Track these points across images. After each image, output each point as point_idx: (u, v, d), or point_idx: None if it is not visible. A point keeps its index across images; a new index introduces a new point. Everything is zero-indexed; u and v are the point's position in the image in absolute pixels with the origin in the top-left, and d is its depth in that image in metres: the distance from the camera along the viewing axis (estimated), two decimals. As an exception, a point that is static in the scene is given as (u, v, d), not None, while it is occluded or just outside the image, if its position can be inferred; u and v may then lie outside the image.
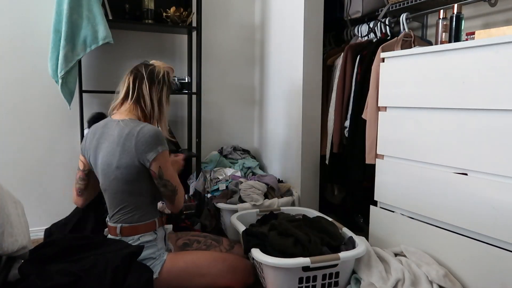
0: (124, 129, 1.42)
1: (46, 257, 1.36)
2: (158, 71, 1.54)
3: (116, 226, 1.46)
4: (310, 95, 2.34)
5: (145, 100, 1.50)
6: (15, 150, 2.33)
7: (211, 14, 2.74)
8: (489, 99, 1.34)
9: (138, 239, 1.45)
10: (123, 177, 1.41)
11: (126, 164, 1.40)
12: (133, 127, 1.41)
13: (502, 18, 1.96)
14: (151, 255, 1.45)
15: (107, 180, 1.45)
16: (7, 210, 1.19)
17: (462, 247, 1.46)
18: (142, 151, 1.38)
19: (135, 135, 1.39)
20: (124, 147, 1.40)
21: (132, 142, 1.39)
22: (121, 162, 1.40)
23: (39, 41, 2.30)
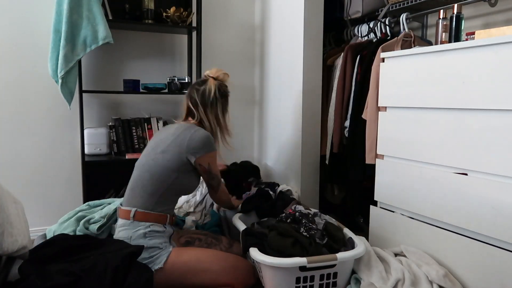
0: (182, 126, 1.63)
1: (46, 257, 1.36)
2: (209, 90, 1.67)
3: (131, 209, 1.51)
4: (310, 95, 2.34)
5: (203, 122, 1.68)
6: (15, 150, 2.33)
7: (211, 14, 2.74)
8: (489, 99, 1.34)
9: (149, 226, 1.50)
10: (163, 162, 1.54)
11: (173, 152, 1.55)
12: (189, 127, 1.61)
13: (502, 18, 1.96)
14: (158, 244, 1.49)
15: (144, 159, 1.59)
16: (7, 210, 1.19)
17: (462, 247, 1.46)
18: (193, 148, 1.55)
19: (191, 132, 1.58)
20: (178, 139, 1.57)
21: (186, 137, 1.57)
22: (169, 149, 1.55)
23: (39, 41, 2.30)
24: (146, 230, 1.49)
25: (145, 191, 1.53)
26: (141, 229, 1.49)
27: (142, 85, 2.42)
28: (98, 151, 2.36)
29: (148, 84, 2.40)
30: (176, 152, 1.55)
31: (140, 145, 2.44)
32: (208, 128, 1.68)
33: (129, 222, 1.51)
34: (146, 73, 2.59)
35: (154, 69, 2.61)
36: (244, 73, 2.90)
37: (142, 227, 1.49)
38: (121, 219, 1.55)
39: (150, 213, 1.52)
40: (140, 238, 1.47)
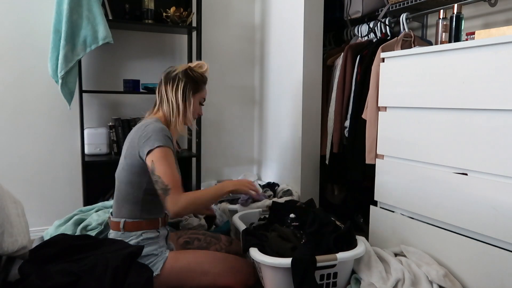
0: (139, 125, 1.53)
1: (46, 257, 1.36)
2: (175, 70, 1.60)
3: (120, 220, 1.48)
4: (310, 95, 2.34)
5: (162, 101, 1.58)
6: (15, 150, 2.33)
7: (211, 14, 2.74)
8: (489, 99, 1.34)
9: (141, 235, 1.47)
10: (128, 167, 1.48)
11: (130, 155, 1.48)
12: (145, 123, 1.51)
13: (502, 18, 1.96)
14: (153, 251, 1.46)
15: (117, 170, 1.55)
16: (7, 210, 1.19)
17: (462, 247, 1.46)
18: (142, 144, 1.45)
19: (141, 129, 1.48)
20: (133, 139, 1.49)
21: (138, 135, 1.48)
22: (128, 152, 1.50)
23: (39, 41, 2.30)
24: (138, 239, 1.46)
25: (128, 200, 1.49)
26: (133, 238, 1.46)
27: (142, 85, 2.42)
28: (98, 151, 2.36)
29: (148, 84, 2.40)
30: (134, 154, 1.47)
31: (140, 145, 2.44)
32: (166, 108, 1.55)
33: (120, 234, 1.48)
34: (146, 73, 2.59)
35: (154, 69, 2.61)
36: (244, 73, 2.90)
37: (134, 236, 1.46)
38: (112, 231, 1.52)
39: (140, 221, 1.48)
40: None
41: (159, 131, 1.45)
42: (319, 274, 1.46)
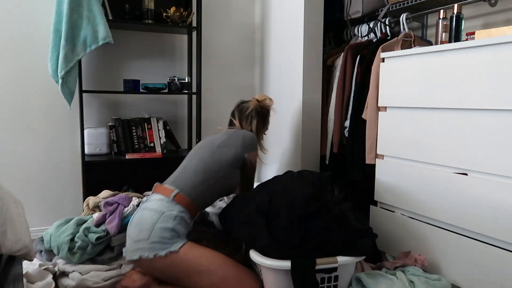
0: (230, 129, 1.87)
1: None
2: (248, 107, 1.92)
3: (174, 189, 1.58)
4: (310, 95, 2.34)
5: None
6: (15, 150, 2.33)
7: (211, 14, 2.74)
8: (489, 99, 1.34)
9: (182, 212, 1.55)
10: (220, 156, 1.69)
11: (229, 147, 1.71)
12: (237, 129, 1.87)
13: (502, 18, 1.97)
14: (181, 232, 1.53)
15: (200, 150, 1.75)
16: (10, 209, 1.19)
17: (462, 247, 1.46)
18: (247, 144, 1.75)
19: (242, 132, 1.80)
20: (232, 135, 1.77)
21: (240, 135, 1.77)
22: (226, 144, 1.72)
23: (39, 41, 2.30)
24: (178, 214, 1.54)
25: (197, 176, 1.63)
26: (175, 211, 1.53)
27: (142, 85, 2.42)
28: (98, 151, 2.36)
29: (148, 84, 2.40)
30: (233, 147, 1.72)
31: (140, 145, 2.44)
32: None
33: (167, 199, 1.56)
34: (146, 73, 2.59)
35: (154, 69, 2.62)
36: (244, 73, 2.90)
37: (177, 209, 1.54)
38: (158, 194, 1.59)
39: (190, 200, 1.58)
40: (170, 217, 1.52)
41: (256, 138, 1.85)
42: (320, 278, 1.44)
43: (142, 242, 1.47)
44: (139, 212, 1.58)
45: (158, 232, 1.48)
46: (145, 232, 1.48)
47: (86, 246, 1.69)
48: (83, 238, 1.69)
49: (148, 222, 1.50)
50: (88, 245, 1.69)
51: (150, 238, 1.47)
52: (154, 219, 1.50)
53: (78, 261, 1.68)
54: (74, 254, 1.68)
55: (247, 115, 1.91)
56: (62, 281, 1.67)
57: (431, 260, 1.59)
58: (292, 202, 1.52)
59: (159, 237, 1.47)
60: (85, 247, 1.69)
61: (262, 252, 1.44)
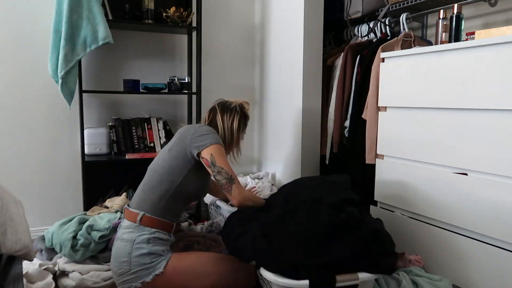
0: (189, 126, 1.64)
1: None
2: (231, 103, 1.74)
3: (139, 213, 1.51)
4: (310, 95, 2.34)
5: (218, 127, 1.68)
6: (15, 150, 2.33)
7: (211, 14, 2.74)
8: (489, 99, 1.34)
9: (154, 232, 1.49)
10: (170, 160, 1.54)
11: (177, 149, 1.55)
12: (196, 124, 1.66)
13: (502, 18, 1.97)
14: (160, 251, 1.48)
15: (155, 161, 1.61)
16: (10, 209, 1.19)
17: (462, 247, 1.46)
18: (196, 140, 1.52)
19: (195, 128, 1.58)
20: (183, 134, 1.58)
21: (190, 131, 1.56)
22: (174, 145, 1.57)
23: (39, 41, 2.30)
24: (150, 236, 1.48)
25: (155, 193, 1.52)
26: (146, 234, 1.48)
27: (142, 85, 2.42)
28: (98, 151, 2.36)
29: (148, 84, 2.40)
30: (181, 147, 1.54)
31: (140, 145, 2.44)
32: (221, 134, 1.66)
33: (135, 225, 1.50)
34: (146, 73, 2.59)
35: (154, 69, 2.61)
36: (244, 73, 2.90)
37: (147, 232, 1.48)
38: (127, 221, 1.53)
39: (158, 219, 1.51)
40: (143, 242, 1.47)
41: (214, 132, 1.59)
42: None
43: (125, 274, 1.46)
44: (114, 244, 1.53)
45: (136, 261, 1.45)
46: (124, 264, 1.46)
47: (89, 243, 1.70)
48: (86, 236, 1.70)
49: (124, 255, 1.46)
50: (91, 242, 1.70)
51: (131, 268, 1.45)
52: (128, 250, 1.46)
53: (81, 258, 1.69)
54: (76, 252, 1.68)
55: (231, 108, 1.70)
56: (62, 281, 1.67)
57: (431, 260, 1.59)
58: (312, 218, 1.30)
59: (139, 264, 1.44)
60: (87, 244, 1.70)
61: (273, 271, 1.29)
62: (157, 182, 1.53)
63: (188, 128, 1.60)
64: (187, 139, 1.54)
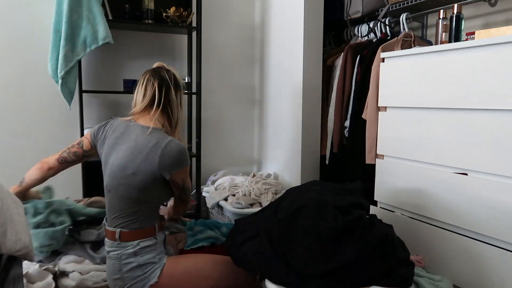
0: (150, 138, 1.42)
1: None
2: (178, 77, 1.55)
3: (115, 230, 1.43)
4: (310, 95, 2.34)
5: (172, 108, 1.51)
6: (15, 150, 2.33)
7: (211, 14, 2.74)
8: (489, 99, 1.34)
9: (138, 244, 1.43)
10: (137, 184, 1.41)
11: (144, 172, 1.40)
12: (160, 139, 1.42)
13: (502, 18, 1.97)
14: (151, 259, 1.43)
15: (115, 182, 1.44)
16: (10, 209, 1.19)
17: (462, 247, 1.46)
18: (168, 164, 1.40)
19: (162, 147, 1.40)
20: (148, 156, 1.40)
21: (158, 153, 1.39)
22: (140, 169, 1.40)
23: (39, 41, 2.30)
24: (135, 249, 1.42)
25: (125, 212, 1.44)
26: (130, 248, 1.42)
27: (142, 85, 2.42)
28: (98, 151, 2.36)
29: (148, 84, 2.39)
30: (149, 171, 1.40)
31: (140, 145, 2.44)
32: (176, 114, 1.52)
33: (116, 243, 1.44)
34: (146, 73, 2.59)
35: (154, 69, 2.61)
36: (244, 73, 2.90)
37: (131, 246, 1.43)
38: (107, 240, 1.48)
39: (136, 231, 1.44)
40: (130, 256, 1.42)
41: (183, 151, 1.43)
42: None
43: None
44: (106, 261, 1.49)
45: (128, 275, 1.42)
46: (118, 282, 1.43)
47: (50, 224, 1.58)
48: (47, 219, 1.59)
49: (115, 272, 1.44)
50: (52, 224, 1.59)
51: (125, 283, 1.42)
52: (117, 267, 1.43)
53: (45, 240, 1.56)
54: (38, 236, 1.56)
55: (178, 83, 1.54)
56: (62, 281, 1.66)
57: (431, 260, 1.59)
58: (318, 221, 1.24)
59: (133, 278, 1.42)
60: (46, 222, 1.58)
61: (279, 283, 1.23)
62: (125, 205, 1.44)
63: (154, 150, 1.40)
64: (155, 163, 1.39)
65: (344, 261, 1.15)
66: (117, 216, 1.45)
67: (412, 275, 1.23)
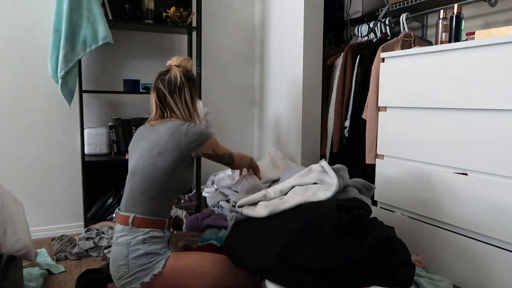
0: (172, 124, 1.55)
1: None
2: (175, 76, 1.62)
3: (130, 215, 1.49)
4: (310, 95, 2.34)
5: (174, 110, 1.62)
6: (15, 150, 2.33)
7: (211, 14, 2.74)
8: (489, 99, 1.34)
9: (148, 232, 1.48)
10: (163, 163, 1.50)
11: (171, 150, 1.50)
12: (181, 123, 1.56)
13: (502, 18, 1.97)
14: (157, 250, 1.48)
15: (141, 163, 1.53)
16: (10, 209, 1.19)
17: (463, 247, 1.46)
18: (192, 143, 1.52)
19: (185, 128, 1.53)
20: (173, 135, 1.52)
21: (182, 132, 1.52)
22: (167, 148, 1.51)
23: (39, 41, 2.30)
24: (145, 236, 1.47)
25: (146, 195, 1.51)
26: (140, 235, 1.47)
27: (142, 85, 2.42)
28: (98, 151, 2.36)
29: (148, 84, 2.40)
30: (176, 150, 1.51)
31: (140, 145, 2.44)
32: (180, 117, 1.62)
33: (127, 228, 1.48)
34: (146, 73, 2.59)
35: (154, 69, 2.61)
36: (244, 73, 2.90)
37: (141, 233, 1.47)
38: (119, 225, 1.52)
39: (149, 218, 1.50)
40: (139, 244, 1.46)
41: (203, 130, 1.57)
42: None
43: (125, 277, 1.46)
44: (112, 248, 1.53)
45: (134, 262, 1.45)
46: (123, 268, 1.46)
47: None
48: None
49: (121, 258, 1.46)
50: None
51: (130, 270, 1.45)
52: (124, 253, 1.46)
53: None
54: None
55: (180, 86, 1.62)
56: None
57: (431, 260, 1.59)
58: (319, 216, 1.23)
59: (138, 266, 1.44)
60: None
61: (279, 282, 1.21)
62: (148, 186, 1.50)
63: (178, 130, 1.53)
64: (182, 141, 1.51)
65: (344, 262, 1.15)
66: (135, 200, 1.51)
67: (413, 275, 1.22)
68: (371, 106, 1.96)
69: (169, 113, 1.62)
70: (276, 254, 1.20)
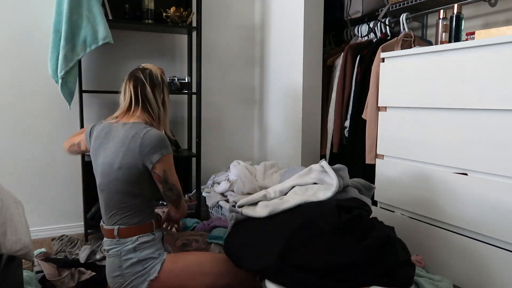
0: (130, 131, 1.44)
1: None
2: (156, 73, 1.55)
3: (113, 228, 1.45)
4: (310, 95, 2.34)
5: (151, 104, 1.52)
6: (15, 150, 2.33)
7: (211, 14, 2.74)
8: (489, 99, 1.34)
9: (137, 239, 1.45)
10: (124, 177, 1.42)
11: (128, 165, 1.41)
12: (139, 130, 1.44)
13: (502, 18, 1.97)
14: (150, 254, 1.45)
15: (106, 180, 1.46)
16: (10, 209, 1.19)
17: (463, 247, 1.46)
18: (147, 152, 1.40)
19: (140, 136, 1.41)
20: (129, 147, 1.42)
21: (137, 143, 1.41)
22: (124, 162, 1.42)
23: (39, 41, 2.30)
24: (134, 244, 1.44)
25: (122, 208, 1.45)
26: (129, 244, 1.44)
27: (142, 85, 2.42)
28: (98, 151, 2.36)
29: (148, 84, 2.40)
30: (132, 164, 1.41)
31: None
32: (156, 110, 1.52)
33: (115, 241, 1.45)
34: (146, 73, 2.59)
35: (154, 69, 2.61)
36: (244, 73, 2.90)
37: (130, 242, 1.44)
38: (106, 239, 1.49)
39: (134, 226, 1.45)
40: (130, 252, 1.43)
41: (162, 137, 1.43)
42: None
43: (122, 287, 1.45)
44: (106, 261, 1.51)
45: (129, 271, 1.43)
46: (118, 278, 1.45)
47: None
48: None
49: (115, 269, 1.45)
50: None
51: (126, 280, 1.44)
52: (117, 264, 1.44)
53: None
54: None
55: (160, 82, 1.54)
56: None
57: (431, 260, 1.59)
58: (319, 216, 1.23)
59: (133, 274, 1.43)
60: None
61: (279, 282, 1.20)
62: (120, 200, 1.45)
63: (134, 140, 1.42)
64: (136, 151, 1.40)
65: (344, 262, 1.14)
66: (113, 214, 1.46)
67: (413, 275, 1.22)
68: (371, 106, 1.96)
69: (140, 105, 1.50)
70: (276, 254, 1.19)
